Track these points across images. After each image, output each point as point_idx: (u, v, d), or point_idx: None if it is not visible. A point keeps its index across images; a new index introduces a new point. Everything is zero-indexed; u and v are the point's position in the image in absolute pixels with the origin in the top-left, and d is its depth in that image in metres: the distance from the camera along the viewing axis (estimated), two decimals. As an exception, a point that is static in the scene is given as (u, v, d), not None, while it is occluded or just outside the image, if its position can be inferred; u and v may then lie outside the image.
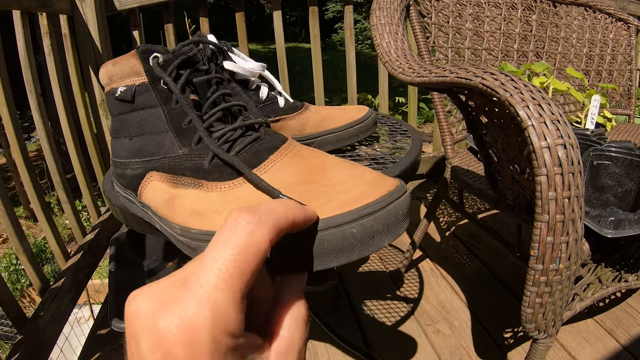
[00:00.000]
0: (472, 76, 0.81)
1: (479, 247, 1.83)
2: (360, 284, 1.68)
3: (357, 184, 0.37)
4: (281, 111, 0.68)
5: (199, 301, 0.22)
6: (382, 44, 1.16)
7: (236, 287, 0.23)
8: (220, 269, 0.23)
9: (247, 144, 0.43)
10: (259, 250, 0.24)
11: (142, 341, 0.23)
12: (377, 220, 0.33)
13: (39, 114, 1.61)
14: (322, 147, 0.69)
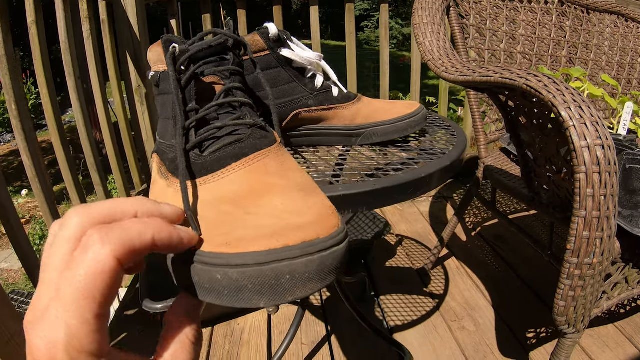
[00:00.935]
0: (516, 77, 0.83)
1: (504, 248, 1.84)
2: (387, 278, 1.71)
3: (280, 221, 0.32)
4: (335, 100, 0.72)
5: (55, 323, 0.24)
6: (425, 43, 1.19)
7: (85, 309, 0.24)
8: (69, 292, 0.24)
9: (226, 145, 0.42)
10: (104, 270, 0.24)
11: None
12: (244, 275, 0.28)
13: (76, 96, 1.66)
14: (371, 138, 0.73)
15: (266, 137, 0.43)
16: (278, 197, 0.35)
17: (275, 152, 0.42)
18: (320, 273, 0.29)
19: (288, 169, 0.40)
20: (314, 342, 1.41)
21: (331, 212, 0.33)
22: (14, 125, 1.37)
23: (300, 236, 0.29)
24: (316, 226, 0.31)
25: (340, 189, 0.53)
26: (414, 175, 0.60)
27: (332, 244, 0.30)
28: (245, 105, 0.46)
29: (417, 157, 0.69)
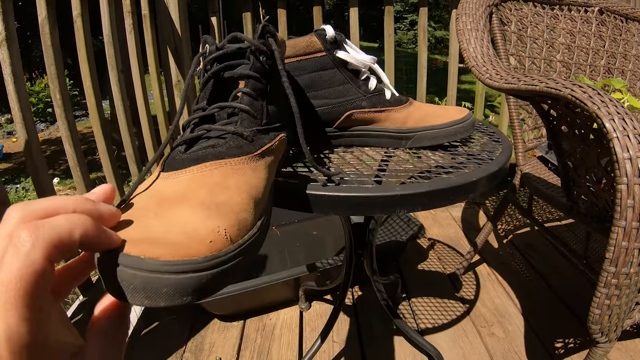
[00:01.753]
0: (561, 87, 0.84)
1: (535, 257, 1.84)
2: (419, 280, 1.72)
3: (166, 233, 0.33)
4: (387, 103, 0.74)
5: None
6: (469, 49, 1.20)
7: (22, 307, 0.24)
8: (4, 292, 0.24)
9: (203, 147, 0.45)
10: (36, 270, 0.25)
11: None
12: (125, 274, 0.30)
13: (118, 89, 1.71)
14: (421, 142, 0.74)
15: (242, 147, 0.46)
16: (186, 209, 0.36)
17: (235, 163, 0.44)
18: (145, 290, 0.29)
19: (224, 186, 0.41)
20: (345, 340, 1.43)
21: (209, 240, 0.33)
22: (57, 114, 1.41)
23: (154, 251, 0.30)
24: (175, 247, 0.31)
25: (397, 189, 0.55)
26: (465, 179, 0.61)
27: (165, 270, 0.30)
28: (244, 112, 0.49)
29: (465, 162, 0.71)
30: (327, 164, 0.71)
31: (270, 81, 0.53)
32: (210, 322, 1.55)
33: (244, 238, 0.36)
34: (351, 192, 0.55)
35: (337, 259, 1.52)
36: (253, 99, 0.50)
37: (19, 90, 1.18)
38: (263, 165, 0.47)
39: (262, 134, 0.49)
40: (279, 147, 0.52)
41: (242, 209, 0.39)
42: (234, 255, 0.34)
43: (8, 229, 0.27)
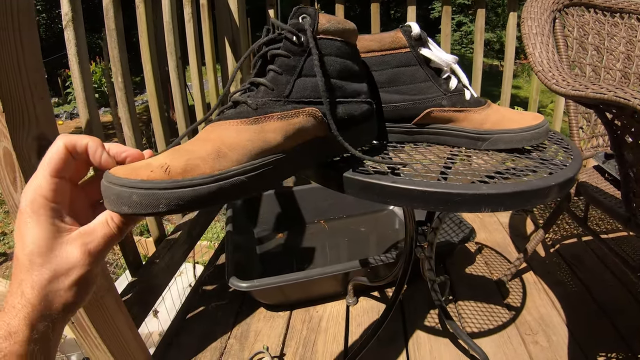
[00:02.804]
0: (630, 97, 0.83)
1: (582, 269, 1.80)
2: (466, 283, 1.72)
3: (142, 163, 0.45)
4: (467, 103, 0.74)
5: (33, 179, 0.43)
6: (535, 54, 1.19)
7: (46, 170, 0.43)
8: (41, 163, 0.43)
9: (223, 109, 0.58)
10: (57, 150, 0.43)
11: None
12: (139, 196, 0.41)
13: (176, 75, 1.74)
14: (496, 144, 0.74)
15: (240, 112, 0.55)
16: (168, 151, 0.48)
17: (226, 124, 0.54)
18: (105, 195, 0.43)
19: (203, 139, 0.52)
20: (390, 338, 1.43)
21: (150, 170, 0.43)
22: (118, 97, 1.43)
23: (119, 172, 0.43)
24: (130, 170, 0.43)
25: (485, 188, 0.56)
26: (545, 183, 0.61)
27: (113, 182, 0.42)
28: (263, 84, 0.57)
29: (539, 166, 0.70)
30: (401, 157, 0.72)
31: (307, 60, 0.59)
32: (257, 311, 1.57)
33: (184, 178, 0.43)
34: (440, 188, 0.56)
35: (389, 257, 1.53)
36: (278, 74, 0.58)
37: (83, 71, 1.20)
38: (255, 130, 0.54)
39: (275, 104, 0.57)
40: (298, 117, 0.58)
41: (198, 156, 0.47)
42: (164, 187, 0.42)
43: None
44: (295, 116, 0.57)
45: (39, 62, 0.84)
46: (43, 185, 0.42)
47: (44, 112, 0.85)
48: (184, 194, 0.43)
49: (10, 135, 0.79)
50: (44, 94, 0.85)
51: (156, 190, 0.41)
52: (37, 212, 0.42)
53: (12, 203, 0.87)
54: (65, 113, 8.33)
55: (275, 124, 0.55)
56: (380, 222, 2.19)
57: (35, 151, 0.84)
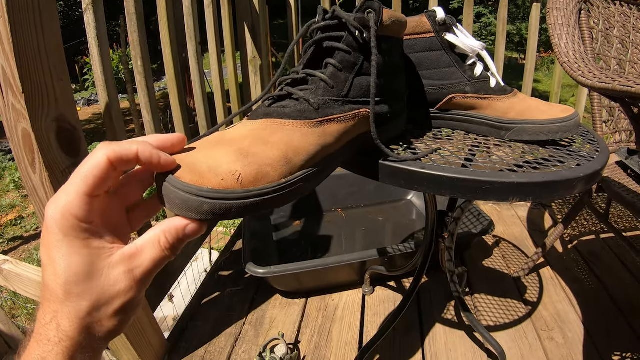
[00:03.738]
0: (659, 90, 0.81)
1: (599, 267, 1.78)
2: (482, 276, 1.70)
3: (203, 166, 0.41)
4: (491, 91, 0.73)
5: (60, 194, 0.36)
6: (561, 45, 1.17)
7: (79, 186, 0.36)
8: (73, 176, 0.36)
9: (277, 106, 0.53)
10: (97, 163, 0.36)
11: None
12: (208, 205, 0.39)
13: (195, 60, 1.73)
14: (520, 135, 0.73)
15: (304, 111, 0.52)
16: (225, 150, 0.43)
17: (289, 125, 0.50)
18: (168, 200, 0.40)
19: (266, 141, 0.47)
20: (406, 328, 1.43)
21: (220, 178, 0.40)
22: (137, 81, 1.43)
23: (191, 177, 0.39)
24: (197, 176, 0.39)
25: (514, 177, 0.55)
26: (573, 174, 0.60)
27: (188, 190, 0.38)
28: (323, 81, 0.54)
29: (568, 158, 0.69)
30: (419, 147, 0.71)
31: (366, 56, 0.56)
32: (272, 298, 1.58)
33: (255, 187, 0.41)
34: (470, 176, 0.55)
35: (407, 246, 1.52)
36: (337, 70, 0.54)
37: (102, 55, 1.21)
38: (318, 133, 0.51)
39: (335, 104, 0.54)
40: (354, 120, 0.56)
41: (267, 163, 0.44)
42: (236, 197, 0.40)
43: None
44: (352, 119, 0.55)
45: (59, 44, 0.84)
46: (75, 204, 0.35)
47: (64, 93, 0.85)
48: (254, 203, 0.41)
49: (30, 116, 0.79)
50: (63, 75, 0.85)
51: (228, 201, 0.39)
52: (68, 234, 0.35)
53: (30, 185, 0.88)
54: (82, 100, 8.38)
55: (335, 127, 0.53)
56: (397, 212, 2.18)
57: (54, 132, 0.84)
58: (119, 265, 0.37)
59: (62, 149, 0.87)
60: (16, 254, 3.24)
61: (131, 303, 0.38)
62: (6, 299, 2.51)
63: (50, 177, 0.86)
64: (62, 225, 0.35)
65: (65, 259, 0.35)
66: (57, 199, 0.36)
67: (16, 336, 1.45)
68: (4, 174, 4.70)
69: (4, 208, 4.01)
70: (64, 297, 0.36)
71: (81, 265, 0.36)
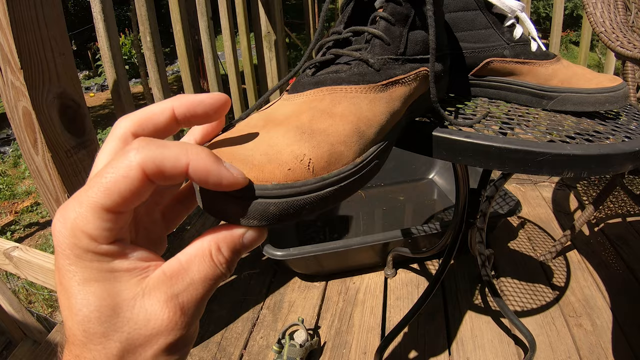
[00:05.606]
0: None
1: (627, 251, 1.71)
2: (508, 260, 1.65)
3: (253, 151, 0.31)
4: (532, 55, 0.66)
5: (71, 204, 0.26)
6: (596, 13, 1.10)
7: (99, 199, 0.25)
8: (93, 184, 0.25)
9: (327, 72, 0.42)
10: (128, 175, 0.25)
11: None
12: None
13: (207, 36, 1.69)
14: (564, 105, 0.67)
15: (365, 74, 0.42)
16: (281, 130, 0.33)
17: (351, 91, 0.40)
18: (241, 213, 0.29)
19: (329, 113, 0.37)
20: (430, 313, 1.39)
21: (287, 168, 0.30)
22: (147, 57, 1.40)
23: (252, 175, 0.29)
24: (263, 169, 0.29)
25: (569, 149, 0.49)
26: (630, 147, 0.54)
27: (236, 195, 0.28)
28: (379, 38, 0.44)
29: (616, 130, 0.63)
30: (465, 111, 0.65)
31: (417, 7, 0.48)
32: (291, 281, 1.54)
33: (330, 173, 0.32)
34: (521, 146, 0.49)
35: (432, 227, 1.48)
36: (390, 24, 0.45)
37: (109, 30, 1.17)
38: (386, 99, 0.42)
39: (395, 64, 0.45)
40: (416, 82, 0.48)
41: (340, 140, 0.34)
42: (310, 189, 0.30)
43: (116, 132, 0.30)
44: (414, 80, 0.47)
45: (59, 15, 0.79)
46: (89, 220, 0.25)
47: (66, 68, 0.80)
48: (329, 193, 0.31)
49: (29, 93, 0.74)
50: (65, 49, 0.80)
51: (301, 196, 0.29)
52: (81, 256, 0.26)
53: (33, 167, 0.84)
54: (96, 85, 8.40)
55: (400, 90, 0.45)
56: (418, 192, 2.14)
57: (57, 110, 0.80)
58: (156, 291, 0.27)
59: (65, 128, 0.82)
60: (32, 240, 3.28)
61: (180, 341, 0.28)
62: (22, 285, 2.52)
63: (53, 159, 0.81)
64: (72, 245, 0.26)
65: (81, 289, 0.26)
66: (66, 211, 0.26)
67: (30, 323, 1.44)
68: (19, 161, 4.71)
69: (20, 195, 4.01)
70: (85, 339, 0.26)
71: (103, 297, 0.26)
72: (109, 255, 0.26)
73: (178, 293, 0.27)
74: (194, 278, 0.28)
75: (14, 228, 3.44)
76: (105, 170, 0.25)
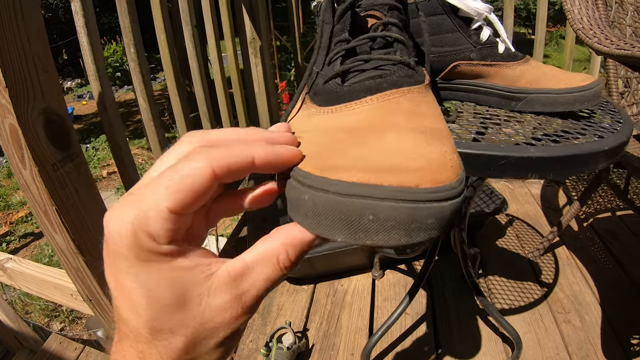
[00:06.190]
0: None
1: (616, 245, 1.72)
2: (496, 257, 1.66)
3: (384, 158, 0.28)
4: (498, 57, 0.67)
5: (133, 202, 0.26)
6: (574, 10, 1.11)
7: (162, 201, 0.25)
8: (157, 182, 0.26)
9: (367, 78, 0.39)
10: (197, 174, 0.26)
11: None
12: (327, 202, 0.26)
13: (192, 45, 1.68)
14: (532, 106, 0.66)
15: (412, 76, 0.39)
16: (393, 135, 0.30)
17: (417, 92, 0.37)
18: (408, 225, 0.25)
19: (420, 113, 0.34)
20: (418, 313, 1.39)
21: (449, 165, 0.27)
22: (131, 68, 1.39)
23: (397, 179, 0.26)
24: (421, 174, 0.26)
25: (532, 151, 0.49)
26: (598, 146, 0.55)
27: (431, 198, 0.25)
28: (399, 42, 0.43)
29: (589, 130, 0.63)
30: None
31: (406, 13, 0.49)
32: (279, 284, 1.53)
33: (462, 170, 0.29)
34: (482, 150, 0.49)
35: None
36: (400, 30, 0.45)
37: (92, 43, 1.17)
38: (433, 98, 0.39)
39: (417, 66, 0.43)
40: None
41: (450, 135, 0.32)
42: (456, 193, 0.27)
43: (182, 149, 0.29)
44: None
45: (41, 30, 0.79)
46: (155, 221, 0.26)
47: (50, 84, 0.81)
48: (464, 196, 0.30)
49: (15, 110, 0.75)
50: (48, 66, 0.81)
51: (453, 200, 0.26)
52: (143, 258, 0.26)
53: (22, 182, 0.85)
54: (88, 93, 8.38)
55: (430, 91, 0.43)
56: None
57: (42, 125, 0.80)
58: (223, 290, 0.28)
59: (51, 142, 0.83)
60: (28, 250, 3.28)
61: (237, 332, 0.30)
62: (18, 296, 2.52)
63: (40, 173, 0.82)
64: (133, 246, 0.26)
65: (145, 290, 0.27)
66: (124, 212, 0.26)
67: (26, 333, 1.44)
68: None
69: (15, 205, 4.01)
70: (151, 337, 0.28)
71: (170, 296, 0.27)
72: (170, 255, 0.27)
73: (242, 293, 0.28)
74: (257, 279, 0.29)
75: (9, 239, 3.45)
76: (172, 171, 0.26)
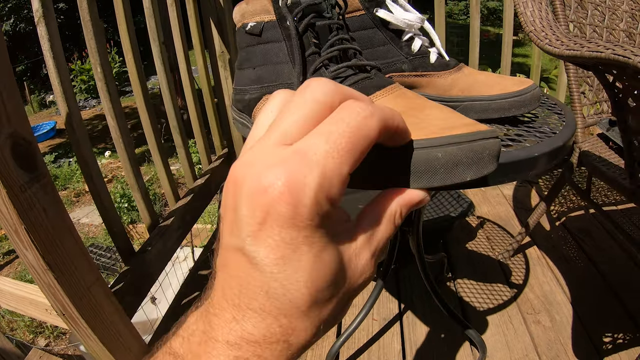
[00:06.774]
0: (630, 54, 0.74)
1: (588, 243, 1.72)
2: (466, 260, 1.66)
3: (450, 121, 0.36)
4: (430, 67, 0.66)
5: (309, 164, 0.23)
6: (526, 13, 1.10)
7: (344, 160, 0.24)
8: (335, 141, 0.24)
9: (356, 81, 0.46)
10: (369, 135, 0.25)
11: (241, 206, 0.24)
12: (461, 151, 0.32)
13: (160, 61, 1.68)
14: (466, 114, 0.66)
15: (386, 80, 0.47)
16: (435, 109, 0.39)
17: (400, 86, 0.46)
18: (496, 156, 0.34)
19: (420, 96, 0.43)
20: (385, 318, 1.39)
21: (479, 125, 0.35)
22: (99, 87, 1.39)
23: (478, 127, 0.34)
24: (478, 125, 0.35)
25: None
26: (527, 153, 0.54)
27: (497, 135, 0.34)
28: (359, 52, 0.50)
29: (524, 135, 0.63)
30: None
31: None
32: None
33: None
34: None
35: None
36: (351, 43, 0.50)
37: (59, 66, 1.18)
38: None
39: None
40: None
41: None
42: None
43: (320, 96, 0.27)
44: None
45: (4, 58, 0.81)
46: (335, 185, 0.24)
47: (15, 109, 0.83)
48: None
49: (-19, 137, 0.76)
50: (12, 92, 0.83)
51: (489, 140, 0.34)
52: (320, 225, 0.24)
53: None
54: (75, 103, 8.50)
55: None
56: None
57: (9, 149, 0.82)
58: (364, 250, 0.28)
59: (18, 165, 0.85)
60: (12, 267, 3.28)
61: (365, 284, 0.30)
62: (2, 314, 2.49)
63: (8, 194, 0.83)
64: (313, 214, 0.24)
65: (315, 260, 0.25)
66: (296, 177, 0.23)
67: (8, 349, 1.42)
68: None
69: (-3, 224, 3.98)
70: (307, 309, 0.26)
71: (333, 264, 0.26)
72: (337, 218, 0.28)
73: (375, 250, 0.29)
74: (382, 237, 0.30)
75: (-7, 256, 3.41)
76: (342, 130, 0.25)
